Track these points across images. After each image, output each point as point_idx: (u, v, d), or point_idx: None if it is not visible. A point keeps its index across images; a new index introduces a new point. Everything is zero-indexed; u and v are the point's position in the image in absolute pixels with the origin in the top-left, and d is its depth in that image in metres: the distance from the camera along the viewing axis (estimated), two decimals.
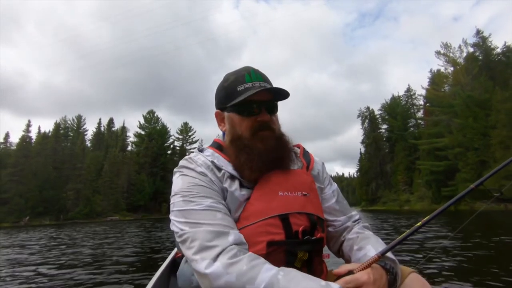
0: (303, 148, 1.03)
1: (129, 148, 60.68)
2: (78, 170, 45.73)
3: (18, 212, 38.82)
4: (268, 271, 0.64)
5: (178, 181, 0.83)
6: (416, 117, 48.24)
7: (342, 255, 0.96)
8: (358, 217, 1.00)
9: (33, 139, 46.79)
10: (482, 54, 32.99)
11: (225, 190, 0.83)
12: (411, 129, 47.74)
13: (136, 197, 50.41)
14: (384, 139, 53.20)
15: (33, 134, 47.62)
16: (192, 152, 0.94)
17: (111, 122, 62.67)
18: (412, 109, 49.73)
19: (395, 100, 52.53)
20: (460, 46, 35.35)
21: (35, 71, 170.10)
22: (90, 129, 63.17)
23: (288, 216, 0.80)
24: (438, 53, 36.90)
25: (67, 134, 55.54)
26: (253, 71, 0.91)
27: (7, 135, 47.95)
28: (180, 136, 64.14)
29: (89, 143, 58.42)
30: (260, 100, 0.87)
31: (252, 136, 0.86)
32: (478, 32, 33.70)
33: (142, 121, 61.11)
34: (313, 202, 0.87)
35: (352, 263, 0.78)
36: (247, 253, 0.69)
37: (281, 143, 0.90)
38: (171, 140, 63.32)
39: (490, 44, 32.89)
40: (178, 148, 62.96)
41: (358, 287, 0.67)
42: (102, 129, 61.79)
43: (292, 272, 0.66)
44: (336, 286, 0.63)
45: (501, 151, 22.91)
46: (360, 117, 56.13)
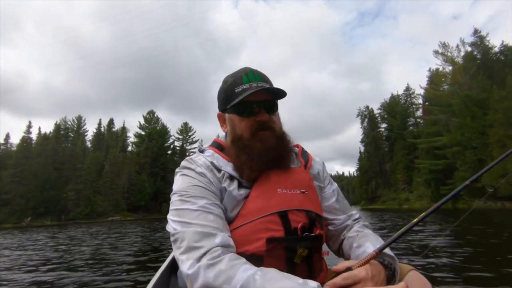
0: (302, 148, 1.04)
1: (129, 149, 60.89)
2: (79, 171, 45.84)
3: (20, 213, 38.94)
4: (246, 271, 0.64)
5: (178, 181, 0.86)
6: (415, 116, 48.25)
7: (342, 254, 0.97)
8: (358, 216, 1.01)
9: (34, 140, 46.88)
10: (480, 53, 33.01)
11: (224, 190, 0.84)
12: (410, 128, 47.76)
13: (137, 198, 50.54)
14: (384, 138, 53.30)
15: (34, 135, 47.85)
16: (193, 153, 1.02)
17: (111, 123, 62.83)
18: (411, 108, 49.83)
19: (394, 99, 52.64)
20: (458, 46, 35.49)
21: (35, 72, 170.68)
22: (90, 130, 63.67)
23: (287, 213, 0.81)
24: (436, 53, 37.01)
25: (68, 135, 55.65)
26: (251, 72, 0.92)
27: (8, 136, 48.12)
28: (180, 136, 64.30)
29: (90, 144, 58.62)
30: (259, 100, 0.88)
31: (252, 136, 0.87)
32: (476, 31, 33.79)
33: (142, 122, 61.34)
34: (312, 200, 0.89)
35: (351, 260, 0.79)
36: (229, 254, 0.69)
37: (282, 142, 0.91)
38: (171, 140, 63.56)
39: (488, 43, 32.98)
40: (178, 148, 63.01)
41: (357, 283, 0.66)
42: (102, 130, 61.91)
43: (271, 272, 0.65)
44: (314, 284, 0.62)
45: (499, 150, 22.96)
46: (360, 116, 56.35)
